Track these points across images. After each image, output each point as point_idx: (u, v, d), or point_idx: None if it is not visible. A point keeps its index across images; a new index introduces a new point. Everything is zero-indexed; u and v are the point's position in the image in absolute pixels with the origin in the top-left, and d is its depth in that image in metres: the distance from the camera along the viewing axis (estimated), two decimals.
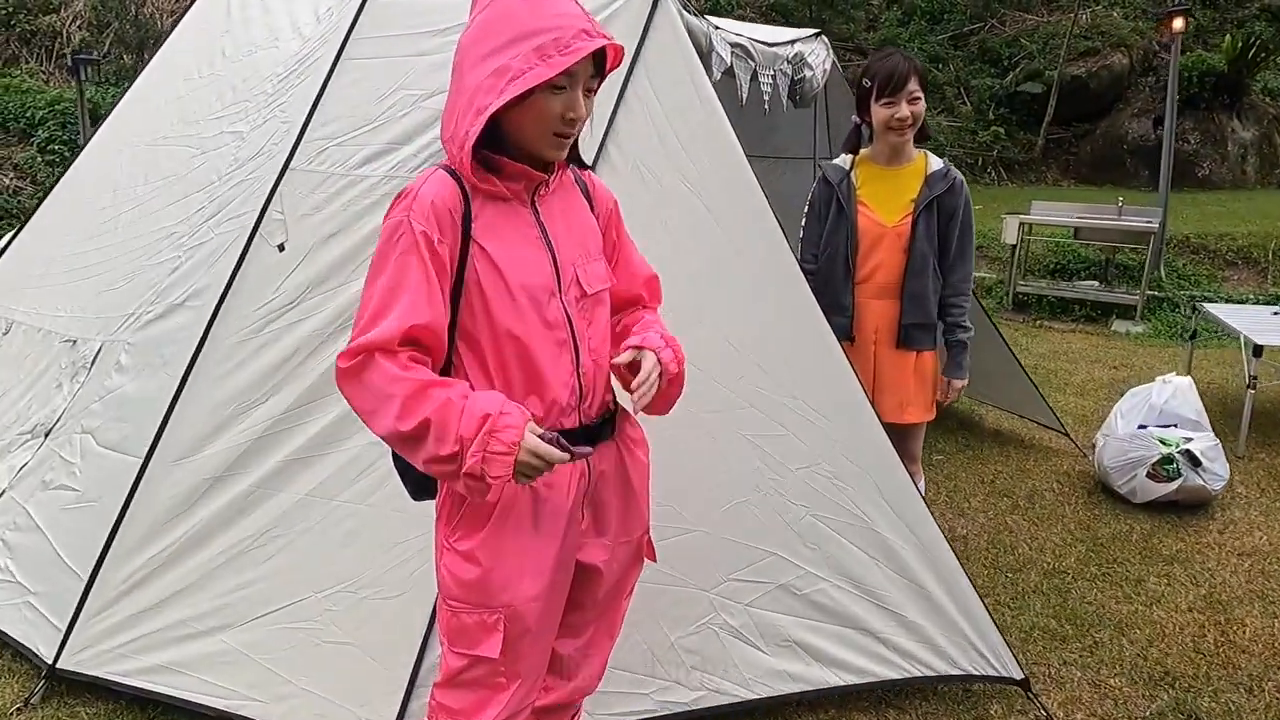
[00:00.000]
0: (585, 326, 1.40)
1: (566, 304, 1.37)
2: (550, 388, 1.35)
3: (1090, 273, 7.48)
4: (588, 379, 1.41)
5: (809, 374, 2.23)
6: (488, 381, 1.34)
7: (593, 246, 1.45)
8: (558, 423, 1.38)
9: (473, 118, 1.25)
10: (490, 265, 1.31)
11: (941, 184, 2.37)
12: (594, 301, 1.43)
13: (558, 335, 1.36)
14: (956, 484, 3.57)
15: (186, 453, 2.28)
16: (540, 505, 1.38)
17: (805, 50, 3.48)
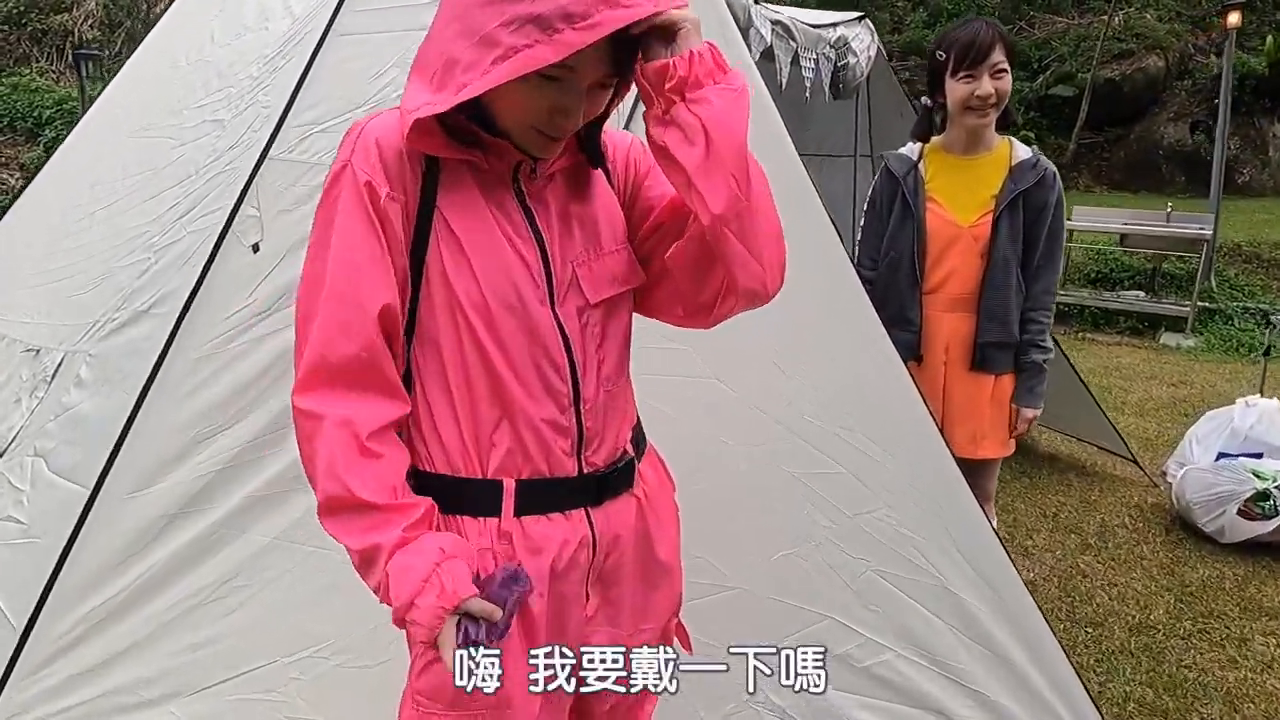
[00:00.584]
0: (591, 346, 1.05)
1: (561, 315, 1.02)
2: (532, 426, 1.01)
3: (1135, 282, 7.08)
4: (592, 418, 1.05)
5: (869, 400, 1.89)
6: (449, 405, 1.01)
7: (608, 236, 1.08)
8: (544, 469, 1.02)
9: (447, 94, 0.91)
10: (456, 247, 0.97)
11: (1030, 175, 2.01)
12: (604, 312, 1.06)
13: (549, 357, 1.01)
14: (1016, 518, 3.21)
15: (140, 485, 1.98)
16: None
17: (849, 35, 3.14)
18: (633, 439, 1.15)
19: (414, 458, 1.05)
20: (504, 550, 1.01)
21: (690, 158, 0.92)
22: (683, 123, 0.92)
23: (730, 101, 0.92)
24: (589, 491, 1.06)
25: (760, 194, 0.97)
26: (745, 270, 0.99)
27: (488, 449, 1.01)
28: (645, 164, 1.13)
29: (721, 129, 0.91)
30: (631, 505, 1.12)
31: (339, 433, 0.93)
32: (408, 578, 0.91)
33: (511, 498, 1.01)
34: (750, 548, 1.84)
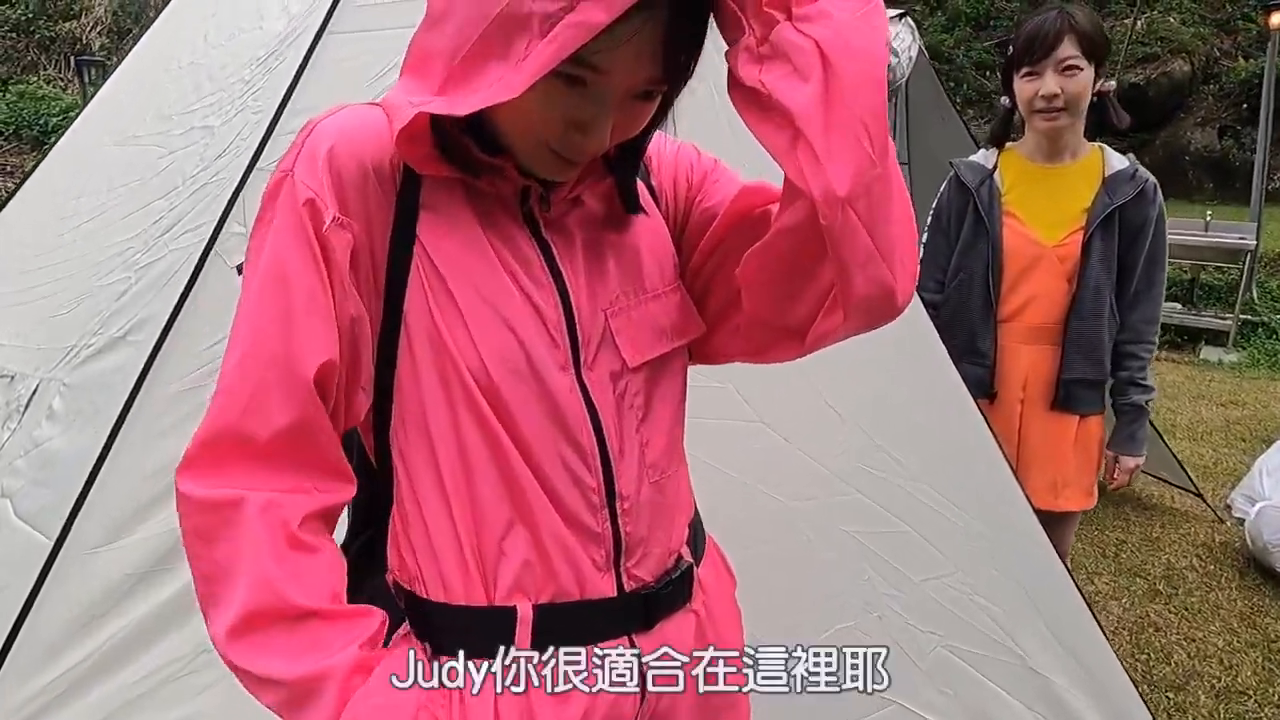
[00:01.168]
0: (630, 424, 0.79)
1: (589, 383, 0.76)
2: (554, 527, 0.76)
3: (1172, 294, 6.80)
4: (633, 521, 0.79)
5: (937, 449, 1.65)
6: (443, 505, 0.75)
7: (654, 274, 0.81)
8: (571, 589, 0.77)
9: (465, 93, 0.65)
10: (445, 295, 0.72)
11: (1127, 188, 1.76)
12: (648, 377, 0.80)
13: (572, 439, 0.75)
14: (1074, 559, 2.94)
15: (107, 538, 1.76)
16: None
17: (889, 32, 2.90)
18: (690, 539, 0.89)
19: (396, 571, 0.80)
20: (517, 702, 0.76)
21: (801, 100, 0.63)
22: (790, 49, 0.63)
23: (859, 17, 0.64)
24: (633, 615, 0.81)
25: (895, 172, 0.69)
26: (867, 273, 0.69)
27: (495, 563, 0.76)
28: (700, 171, 0.87)
29: (848, 57, 0.62)
30: (689, 624, 0.86)
31: (263, 521, 0.68)
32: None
33: (528, 628, 0.76)
34: (803, 621, 1.60)
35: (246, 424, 0.69)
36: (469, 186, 0.74)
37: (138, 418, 1.83)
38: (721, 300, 0.83)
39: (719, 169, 0.88)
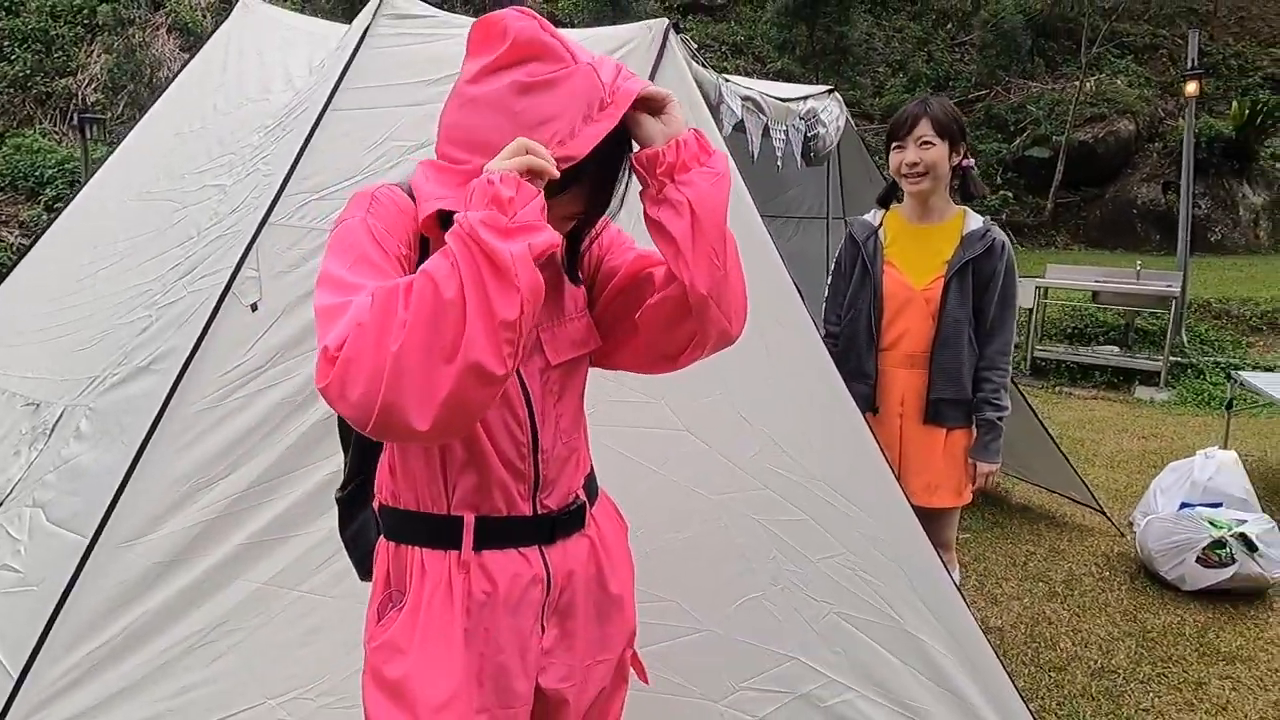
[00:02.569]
0: (550, 402, 1.18)
1: (525, 375, 1.14)
2: (493, 467, 1.13)
3: (1110, 337, 7.27)
4: (548, 467, 1.17)
5: (831, 451, 2.00)
6: (433, 449, 1.12)
7: (569, 304, 1.20)
8: (501, 508, 1.15)
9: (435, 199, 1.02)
10: None
11: (978, 245, 2.16)
12: (564, 373, 1.19)
13: (512, 410, 1.13)
14: (987, 566, 3.30)
15: (137, 534, 2.05)
16: (478, 613, 1.12)
17: (818, 107, 3.34)
18: (585, 486, 1.27)
19: (383, 494, 1.17)
20: (461, 579, 1.12)
21: (679, 229, 1.05)
22: (672, 200, 1.06)
23: (712, 183, 1.07)
24: (542, 531, 1.18)
25: (734, 263, 1.13)
26: (718, 327, 1.13)
27: (453, 488, 1.13)
28: (607, 237, 1.26)
29: (704, 206, 1.05)
30: (584, 545, 1.23)
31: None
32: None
33: (471, 532, 1.12)
34: (721, 592, 1.93)
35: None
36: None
37: (163, 433, 2.14)
38: (627, 327, 1.22)
39: (620, 236, 1.28)
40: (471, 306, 0.87)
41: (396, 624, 1.12)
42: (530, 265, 0.90)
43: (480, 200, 0.91)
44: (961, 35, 15.16)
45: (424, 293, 0.88)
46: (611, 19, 12.18)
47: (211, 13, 12.43)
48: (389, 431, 0.90)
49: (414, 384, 0.87)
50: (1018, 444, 3.75)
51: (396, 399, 0.87)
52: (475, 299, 0.87)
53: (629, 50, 2.20)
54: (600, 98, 1.01)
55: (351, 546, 1.31)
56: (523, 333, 0.90)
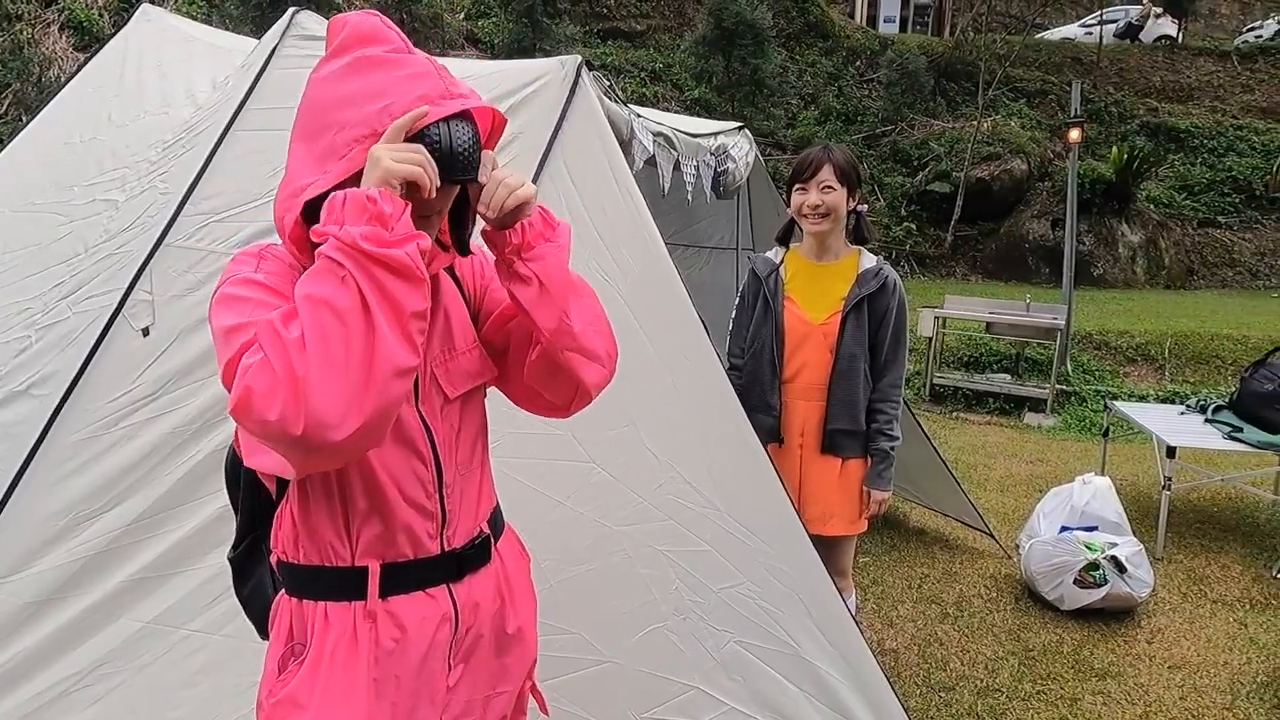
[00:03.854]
0: (450, 435, 1.19)
1: (424, 411, 1.15)
2: (398, 510, 1.13)
3: (1002, 366, 7.67)
4: (452, 500, 1.19)
5: (733, 483, 2.06)
6: (326, 498, 1.11)
7: (460, 339, 1.22)
8: (408, 552, 1.14)
9: (288, 200, 1.05)
10: None
11: (872, 283, 2.27)
12: (461, 405, 1.21)
13: (415, 449, 1.14)
14: (884, 589, 3.42)
15: (9, 571, 1.94)
16: (386, 662, 1.12)
17: (729, 142, 3.44)
18: (490, 519, 1.28)
19: (282, 550, 1.15)
20: (368, 629, 1.11)
21: (527, 297, 1.14)
22: (521, 274, 1.14)
23: (555, 255, 1.15)
24: (449, 569, 1.19)
25: (584, 309, 1.19)
26: (587, 369, 1.19)
27: (357, 538, 1.12)
28: (489, 270, 1.30)
29: (549, 276, 1.14)
30: (490, 579, 1.25)
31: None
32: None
33: (376, 580, 1.12)
34: (626, 623, 1.95)
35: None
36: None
37: (41, 464, 2.03)
38: (510, 362, 1.25)
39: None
40: (379, 312, 0.90)
41: (297, 678, 1.10)
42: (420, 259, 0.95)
43: (357, 215, 0.93)
44: (870, 73, 15.83)
45: (316, 313, 0.89)
46: (531, 39, 12.21)
47: (110, 12, 11.87)
48: (312, 451, 0.90)
49: (332, 399, 0.87)
50: (915, 469, 3.91)
51: (317, 417, 0.87)
52: (381, 302, 0.90)
53: (541, 85, 2.23)
54: (442, 90, 1.04)
55: (248, 605, 1.28)
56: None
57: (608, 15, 15.79)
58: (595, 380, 1.22)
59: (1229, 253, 13.02)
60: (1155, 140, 14.46)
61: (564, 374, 1.18)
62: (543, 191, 2.13)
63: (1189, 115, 15.10)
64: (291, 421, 0.86)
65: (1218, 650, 3.03)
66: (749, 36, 12.89)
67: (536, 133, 2.16)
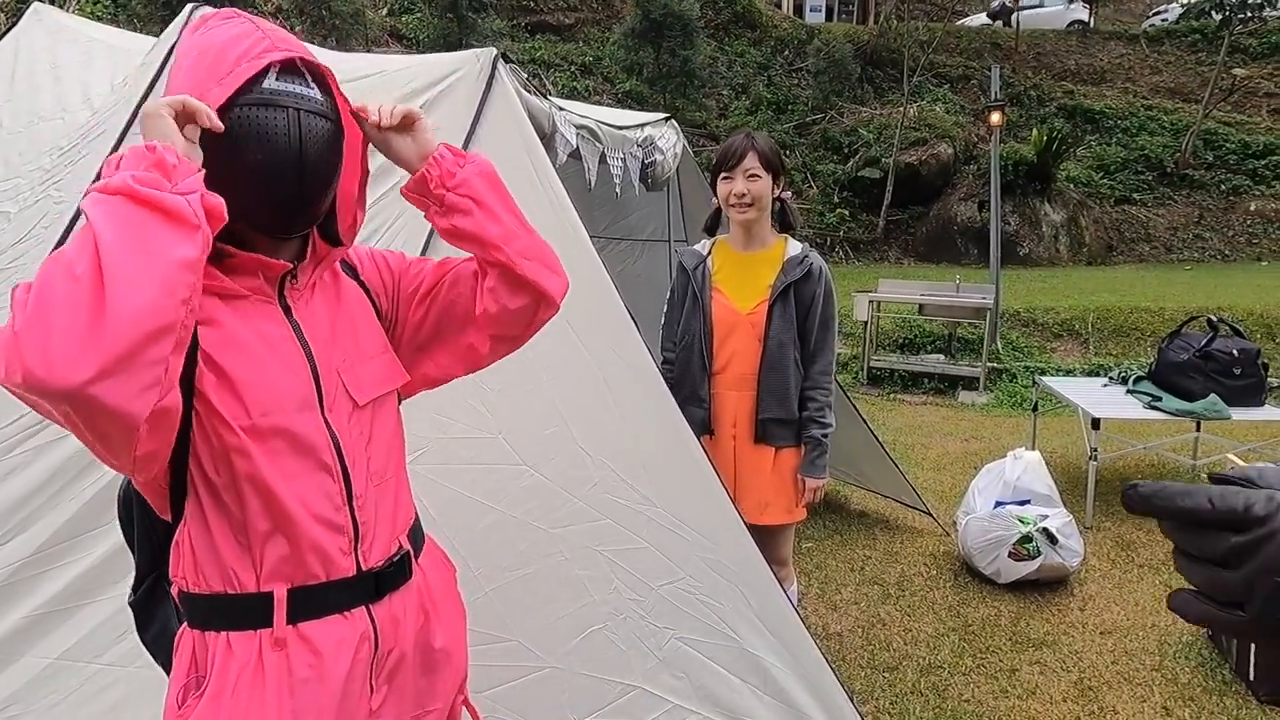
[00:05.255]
0: (360, 445, 1.13)
1: (330, 420, 1.10)
2: (305, 528, 1.06)
3: (936, 346, 7.84)
4: (364, 513, 1.12)
5: (668, 478, 2.03)
6: (224, 520, 1.05)
7: (368, 343, 1.18)
8: (319, 573, 1.08)
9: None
10: (224, 384, 1.03)
11: (797, 270, 2.27)
12: (371, 413, 1.16)
13: (320, 461, 1.08)
14: (827, 574, 3.46)
15: None
16: (303, 691, 1.05)
17: (655, 134, 3.41)
18: (410, 533, 1.22)
19: (181, 579, 1.07)
20: (278, 659, 1.05)
21: (475, 224, 1.13)
22: (458, 206, 1.13)
23: (479, 172, 1.15)
24: (366, 588, 1.12)
25: (527, 221, 1.20)
26: (548, 277, 1.19)
27: (260, 560, 1.05)
28: (396, 264, 1.28)
29: (481, 192, 1.14)
30: (411, 597, 1.19)
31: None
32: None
33: (283, 606, 1.06)
34: (564, 627, 1.91)
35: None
36: (233, 295, 1.07)
37: None
38: (452, 333, 1.23)
39: (409, 259, 1.28)
40: (126, 254, 0.81)
41: (196, 712, 1.03)
42: (207, 201, 0.89)
43: (134, 163, 0.87)
44: (798, 62, 16.02)
45: (49, 266, 0.81)
46: (457, 35, 12.01)
47: (6, 13, 11.26)
48: (51, 399, 0.80)
49: (51, 345, 0.78)
50: (854, 453, 3.96)
51: (31, 365, 0.78)
52: (133, 244, 0.82)
53: (457, 79, 2.17)
54: (265, 45, 1.02)
55: (155, 650, 1.21)
56: (199, 280, 0.87)
57: (535, 9, 15.64)
58: (558, 287, 1.21)
59: (1145, 229, 13.56)
60: (1073, 122, 14.97)
61: (527, 287, 1.17)
62: None
63: (1103, 97, 15.67)
64: (10, 372, 0.80)
65: (1145, 613, 3.14)
66: (677, 28, 12.92)
67: (454, 128, 2.10)
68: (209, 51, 1.02)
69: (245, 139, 1.00)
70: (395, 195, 2.03)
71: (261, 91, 1.01)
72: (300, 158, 1.03)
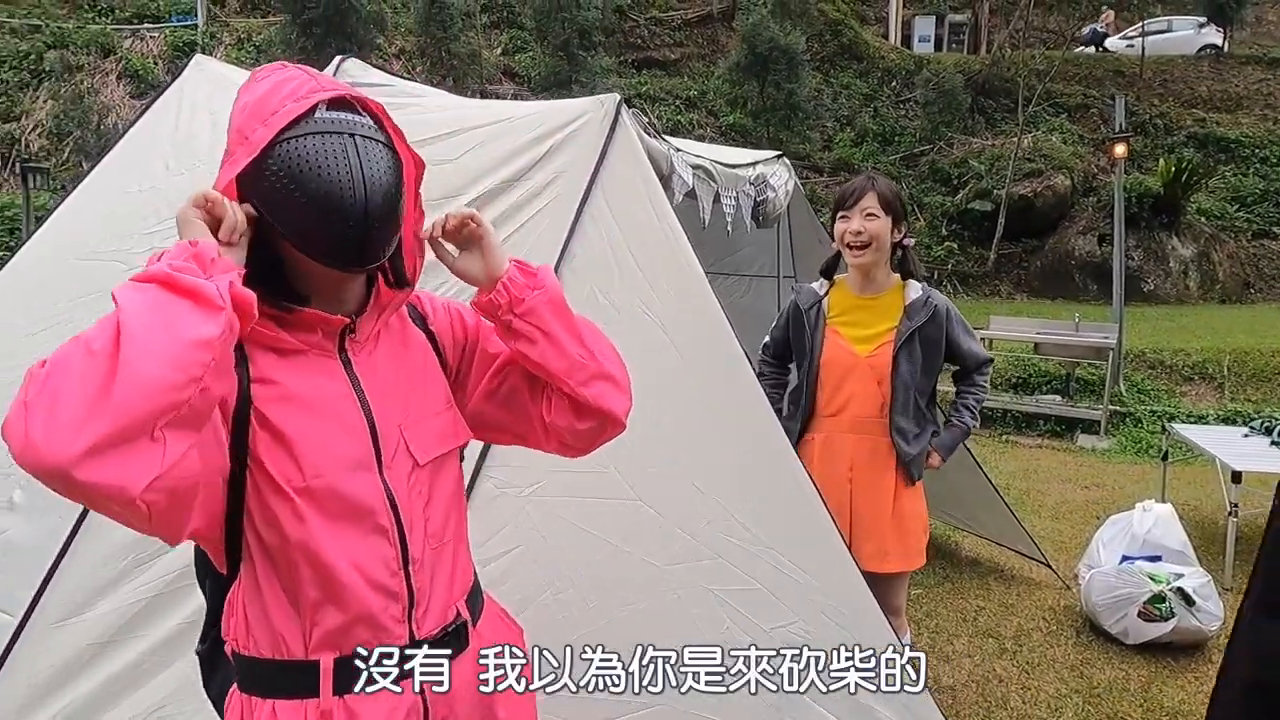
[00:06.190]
0: (419, 506, 1.09)
1: (389, 480, 1.06)
2: (356, 595, 1.02)
3: (1052, 387, 7.49)
4: (420, 578, 1.08)
5: (781, 519, 2.02)
6: (276, 584, 1.03)
7: (432, 398, 1.14)
8: (373, 640, 1.04)
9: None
10: (278, 443, 1.00)
11: (921, 313, 2.25)
12: (432, 471, 1.11)
13: (375, 522, 1.04)
14: (938, 623, 3.34)
15: (70, 613, 1.98)
16: None
17: (767, 171, 3.44)
18: (468, 600, 1.18)
19: (233, 638, 1.07)
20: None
21: (539, 354, 1.12)
22: (523, 333, 1.12)
23: (546, 301, 1.13)
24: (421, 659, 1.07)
25: (592, 339, 1.16)
26: (612, 398, 1.17)
27: (310, 628, 1.03)
28: (473, 322, 1.23)
29: (548, 324, 1.12)
30: (467, 666, 1.13)
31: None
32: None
33: (329, 676, 1.02)
34: None
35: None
36: (282, 352, 1.04)
37: None
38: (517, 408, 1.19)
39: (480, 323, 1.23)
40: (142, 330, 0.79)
41: None
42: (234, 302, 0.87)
43: (176, 255, 0.87)
44: (906, 93, 15.76)
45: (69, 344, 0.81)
46: (568, 72, 12.40)
47: (164, 60, 12.35)
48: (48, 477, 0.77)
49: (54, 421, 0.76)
50: (966, 497, 3.82)
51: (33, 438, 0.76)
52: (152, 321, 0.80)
53: (581, 124, 2.25)
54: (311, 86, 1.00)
55: (218, 705, 1.16)
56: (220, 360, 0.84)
57: (641, 45, 16.00)
58: (623, 407, 1.18)
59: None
60: (1204, 151, 14.14)
61: (589, 409, 1.15)
62: (583, 229, 2.15)
63: (1238, 125, 14.74)
64: (11, 441, 0.78)
65: None
66: (783, 61, 12.94)
67: (577, 172, 2.18)
68: (254, 100, 1.01)
69: (301, 169, 0.96)
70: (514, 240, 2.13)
71: (313, 122, 0.98)
72: (363, 180, 0.98)
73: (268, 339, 1.02)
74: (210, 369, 0.82)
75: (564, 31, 12.35)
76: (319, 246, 0.99)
